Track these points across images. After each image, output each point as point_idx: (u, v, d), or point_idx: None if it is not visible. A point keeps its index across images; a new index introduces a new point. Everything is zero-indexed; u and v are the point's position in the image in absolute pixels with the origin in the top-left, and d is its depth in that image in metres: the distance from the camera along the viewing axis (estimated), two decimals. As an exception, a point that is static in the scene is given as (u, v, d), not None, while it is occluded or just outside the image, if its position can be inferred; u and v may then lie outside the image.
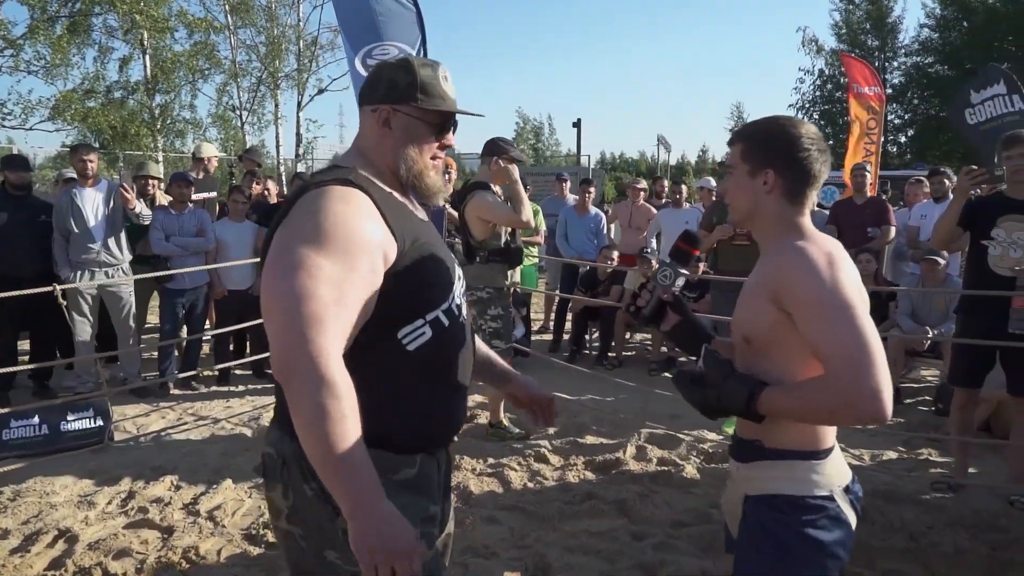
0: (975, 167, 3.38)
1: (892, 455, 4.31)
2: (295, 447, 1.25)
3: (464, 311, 1.53)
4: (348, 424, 1.17)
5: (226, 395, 5.42)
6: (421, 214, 1.52)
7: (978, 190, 3.58)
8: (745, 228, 1.61)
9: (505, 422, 4.52)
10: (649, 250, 6.50)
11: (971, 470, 3.90)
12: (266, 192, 6.56)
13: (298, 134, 19.34)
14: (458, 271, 1.54)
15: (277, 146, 19.91)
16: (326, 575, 1.36)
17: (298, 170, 17.59)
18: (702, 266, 6.46)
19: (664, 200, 7.69)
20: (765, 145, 1.51)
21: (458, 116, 1.51)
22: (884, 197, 6.94)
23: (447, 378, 1.45)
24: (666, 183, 7.87)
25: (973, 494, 3.65)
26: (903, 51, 26.32)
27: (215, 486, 3.67)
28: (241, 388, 5.60)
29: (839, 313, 1.31)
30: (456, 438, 1.62)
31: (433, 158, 1.48)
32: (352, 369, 1.23)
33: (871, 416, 1.28)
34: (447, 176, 3.66)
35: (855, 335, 1.30)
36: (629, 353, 6.79)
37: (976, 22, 23.57)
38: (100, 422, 4.37)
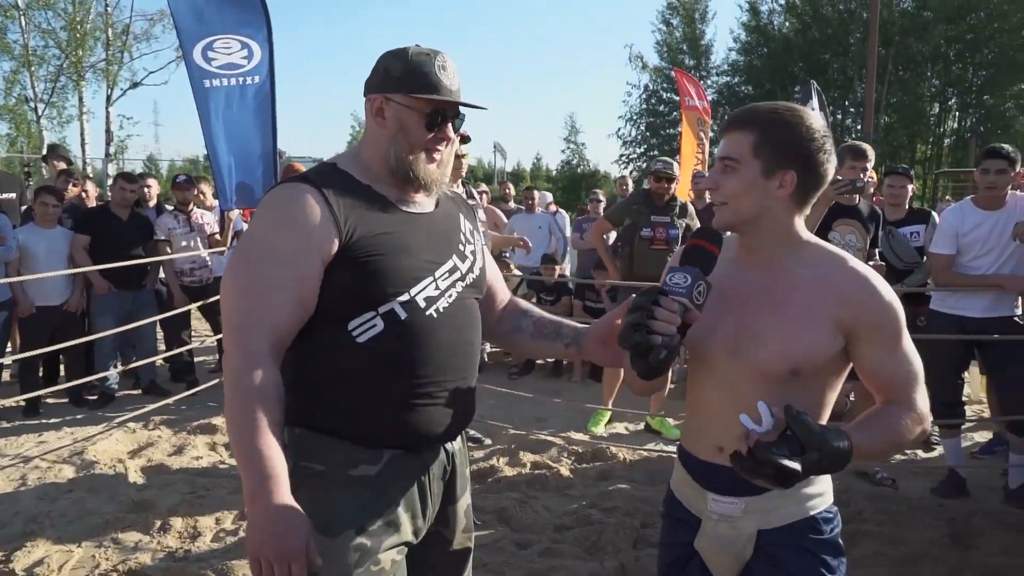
0: (840, 178, 3.71)
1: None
2: (289, 401, 1.32)
3: (447, 304, 1.44)
4: (255, 416, 1.23)
5: (37, 428, 4.67)
6: (419, 207, 1.47)
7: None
8: (734, 231, 1.36)
9: None
10: (508, 254, 6.52)
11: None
12: (84, 194, 5.77)
13: (108, 131, 17.35)
14: (455, 265, 1.46)
15: (82, 144, 17.75)
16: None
17: (109, 171, 15.86)
18: (557, 269, 6.62)
19: (513, 205, 8.12)
20: (788, 141, 1.27)
21: (465, 109, 1.47)
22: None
23: (407, 373, 1.40)
24: (511, 188, 9.15)
25: (840, 474, 3.97)
26: (715, 71, 29.19)
27: (33, 538, 3.12)
28: (56, 419, 4.85)
29: (909, 340, 1.32)
30: (457, 440, 1.56)
31: (428, 151, 1.43)
32: (302, 357, 1.37)
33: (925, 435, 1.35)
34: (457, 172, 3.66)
35: (918, 358, 1.33)
36: (487, 360, 6.77)
37: (774, 48, 26.68)
38: None
